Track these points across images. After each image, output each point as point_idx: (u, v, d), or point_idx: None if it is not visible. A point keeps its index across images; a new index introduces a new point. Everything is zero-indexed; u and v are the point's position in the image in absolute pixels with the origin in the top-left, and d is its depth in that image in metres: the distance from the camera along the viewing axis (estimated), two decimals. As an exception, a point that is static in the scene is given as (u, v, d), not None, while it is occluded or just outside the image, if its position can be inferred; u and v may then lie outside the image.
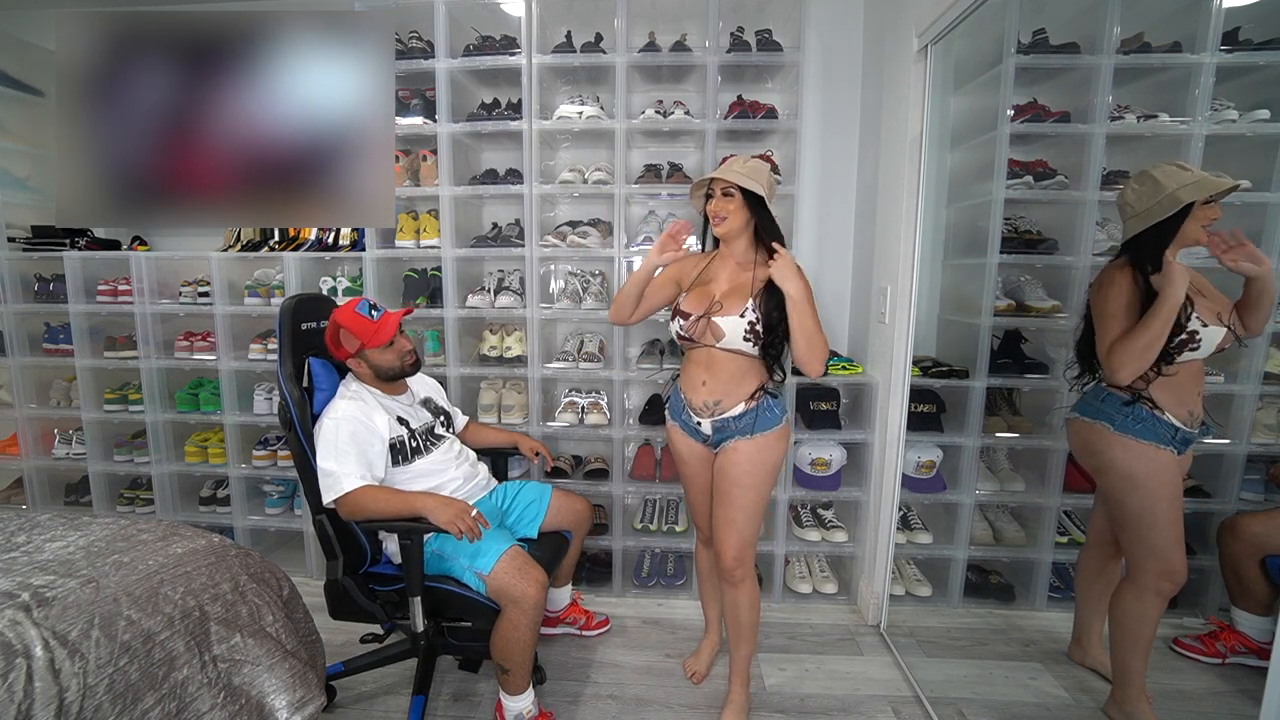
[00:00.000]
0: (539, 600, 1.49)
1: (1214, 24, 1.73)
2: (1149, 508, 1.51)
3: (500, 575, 1.49)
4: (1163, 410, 1.49)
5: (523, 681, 1.56)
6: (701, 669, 1.89)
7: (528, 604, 1.47)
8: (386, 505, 1.49)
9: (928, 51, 1.85)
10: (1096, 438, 1.58)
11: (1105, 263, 1.58)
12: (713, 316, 1.52)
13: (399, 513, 1.48)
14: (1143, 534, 1.53)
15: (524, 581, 1.48)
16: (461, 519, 1.43)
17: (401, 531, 1.51)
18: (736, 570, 1.59)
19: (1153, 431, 1.49)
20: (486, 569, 1.50)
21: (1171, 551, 1.51)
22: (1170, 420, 1.49)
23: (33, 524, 1.38)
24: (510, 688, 1.56)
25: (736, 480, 1.56)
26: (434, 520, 1.44)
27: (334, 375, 1.72)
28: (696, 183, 1.60)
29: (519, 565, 1.51)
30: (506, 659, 1.51)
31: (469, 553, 1.53)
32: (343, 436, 1.52)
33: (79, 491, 2.68)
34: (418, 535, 1.50)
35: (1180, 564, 1.51)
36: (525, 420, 2.35)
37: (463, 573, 1.54)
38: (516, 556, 1.53)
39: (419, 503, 1.48)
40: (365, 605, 1.60)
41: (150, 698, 1.05)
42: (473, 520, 1.45)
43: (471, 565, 1.53)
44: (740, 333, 1.49)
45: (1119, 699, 1.59)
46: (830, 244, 2.53)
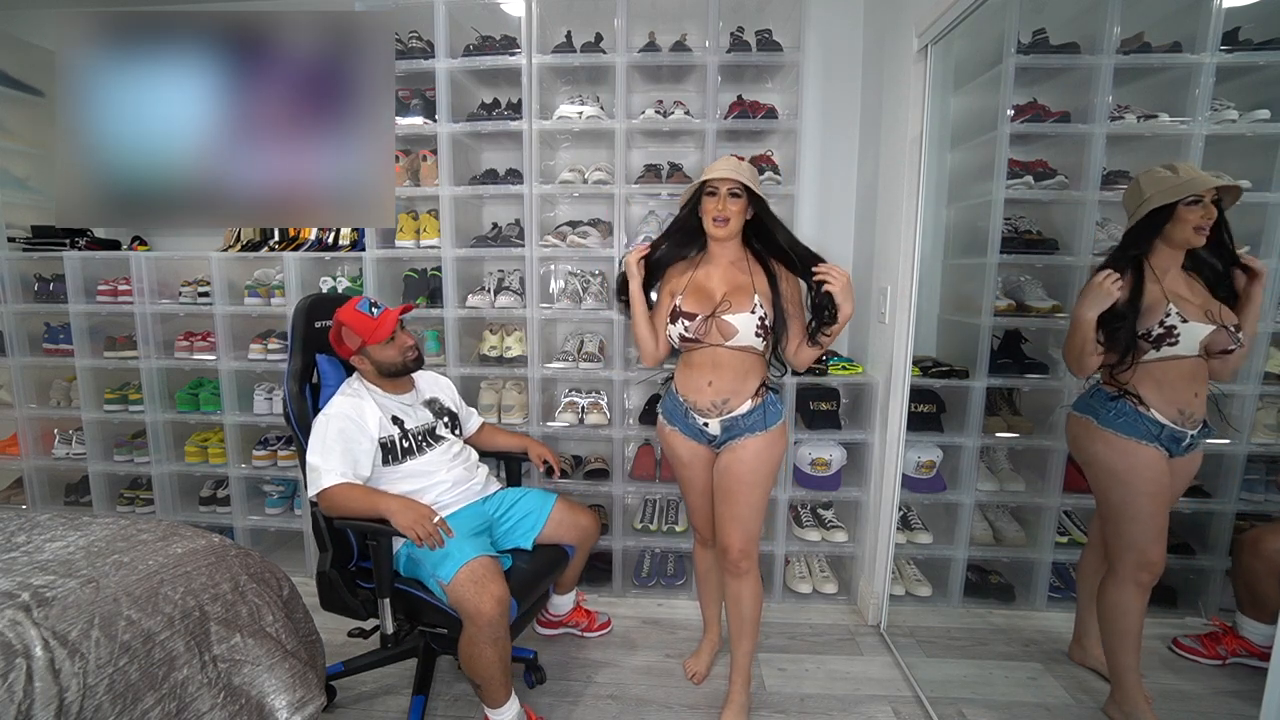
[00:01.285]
0: (493, 617, 1.41)
1: (1214, 24, 1.73)
2: (1129, 502, 1.53)
3: (457, 586, 1.43)
4: (1148, 407, 1.50)
5: (499, 695, 1.50)
6: (701, 669, 1.89)
7: (481, 620, 1.40)
8: (356, 504, 1.48)
9: (928, 51, 1.85)
10: (1082, 431, 1.61)
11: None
12: (722, 315, 1.52)
13: (365, 512, 1.48)
14: (1122, 527, 1.55)
15: (479, 596, 1.41)
16: (421, 524, 1.42)
17: (367, 532, 1.50)
18: (742, 563, 1.60)
19: (1135, 427, 1.51)
20: (446, 578, 1.44)
21: (1149, 545, 1.52)
22: (1155, 417, 1.50)
23: (33, 524, 1.38)
24: (488, 701, 1.51)
25: (743, 477, 1.56)
26: (395, 523, 1.43)
27: (341, 373, 1.73)
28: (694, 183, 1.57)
29: (477, 578, 1.43)
30: (472, 674, 1.47)
31: (434, 559, 1.49)
32: (331, 433, 1.52)
33: (79, 491, 2.68)
34: (384, 537, 1.49)
35: (1158, 557, 1.52)
36: (525, 420, 2.35)
37: (428, 579, 1.51)
38: (478, 569, 1.45)
39: (384, 504, 1.47)
40: (348, 600, 1.60)
41: (150, 698, 1.05)
42: (433, 527, 1.43)
43: (434, 573, 1.48)
44: (753, 329, 1.51)
45: (1117, 698, 1.59)
46: (830, 244, 2.53)
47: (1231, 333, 1.44)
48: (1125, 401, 1.52)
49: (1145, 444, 1.50)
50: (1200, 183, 1.42)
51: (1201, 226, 1.44)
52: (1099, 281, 1.50)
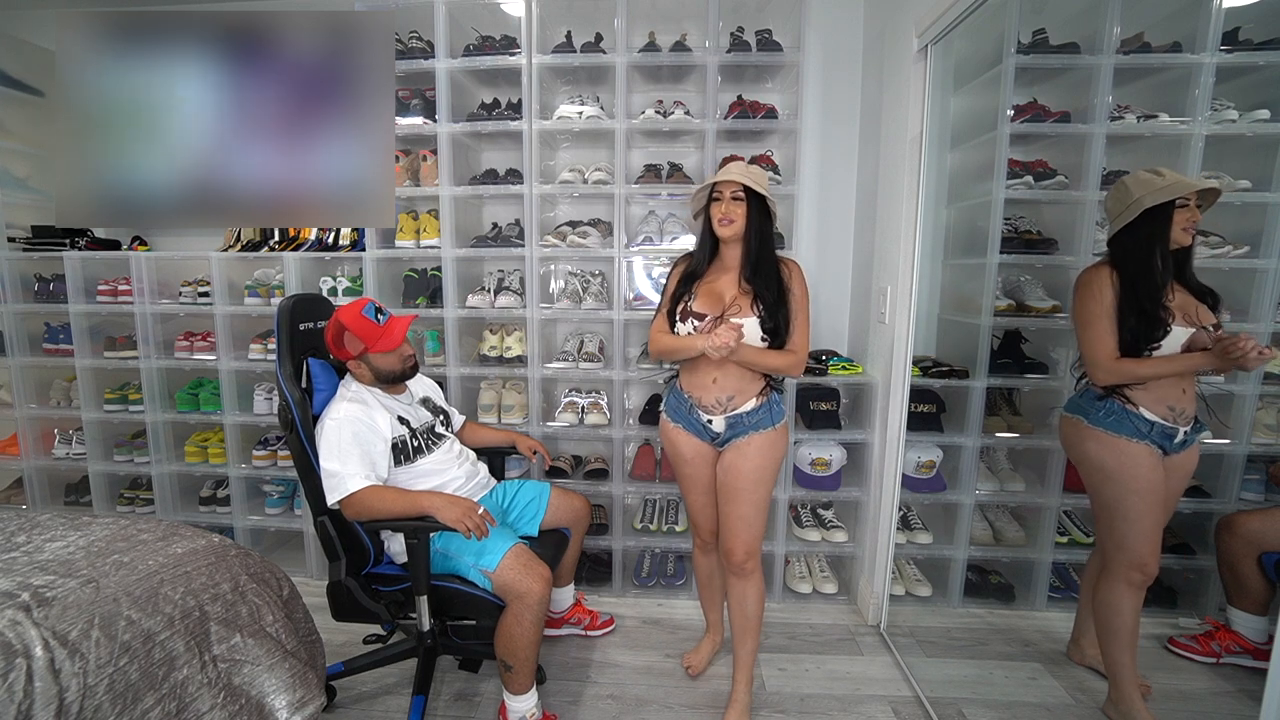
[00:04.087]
0: (544, 595, 1.50)
1: (1214, 24, 1.73)
2: (1121, 500, 1.53)
3: (506, 572, 1.50)
4: (1137, 405, 1.51)
5: (526, 680, 1.56)
6: (699, 663, 1.90)
7: (532, 599, 1.48)
8: (393, 505, 1.49)
9: (928, 51, 1.85)
10: (1073, 431, 1.63)
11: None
12: (730, 317, 1.53)
13: (405, 512, 1.49)
14: (1114, 525, 1.55)
15: (529, 577, 1.49)
16: (469, 517, 1.45)
17: (408, 531, 1.51)
18: (747, 563, 1.61)
19: (1125, 425, 1.52)
20: (492, 566, 1.51)
21: (1141, 545, 1.52)
22: (1145, 415, 1.50)
23: (33, 524, 1.38)
24: (514, 687, 1.56)
25: (748, 475, 1.58)
26: (441, 518, 1.45)
27: (333, 376, 1.72)
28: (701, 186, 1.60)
29: (524, 562, 1.52)
30: (510, 655, 1.52)
31: (474, 550, 1.54)
32: (345, 437, 1.52)
33: (79, 491, 2.68)
34: (425, 534, 1.51)
35: (1150, 558, 1.52)
36: (525, 420, 2.35)
37: (468, 570, 1.55)
38: (521, 554, 1.54)
39: (425, 501, 1.49)
40: (369, 606, 1.60)
41: (150, 698, 1.05)
42: (479, 518, 1.46)
43: (477, 563, 1.54)
44: (758, 332, 1.53)
45: (1114, 697, 1.59)
46: (830, 244, 2.53)
47: (1210, 333, 1.46)
48: (1113, 400, 1.54)
49: (1136, 441, 1.51)
50: (1189, 184, 1.45)
51: (1189, 227, 1.47)
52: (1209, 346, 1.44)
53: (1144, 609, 1.56)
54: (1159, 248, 1.49)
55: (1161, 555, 1.55)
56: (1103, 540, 1.62)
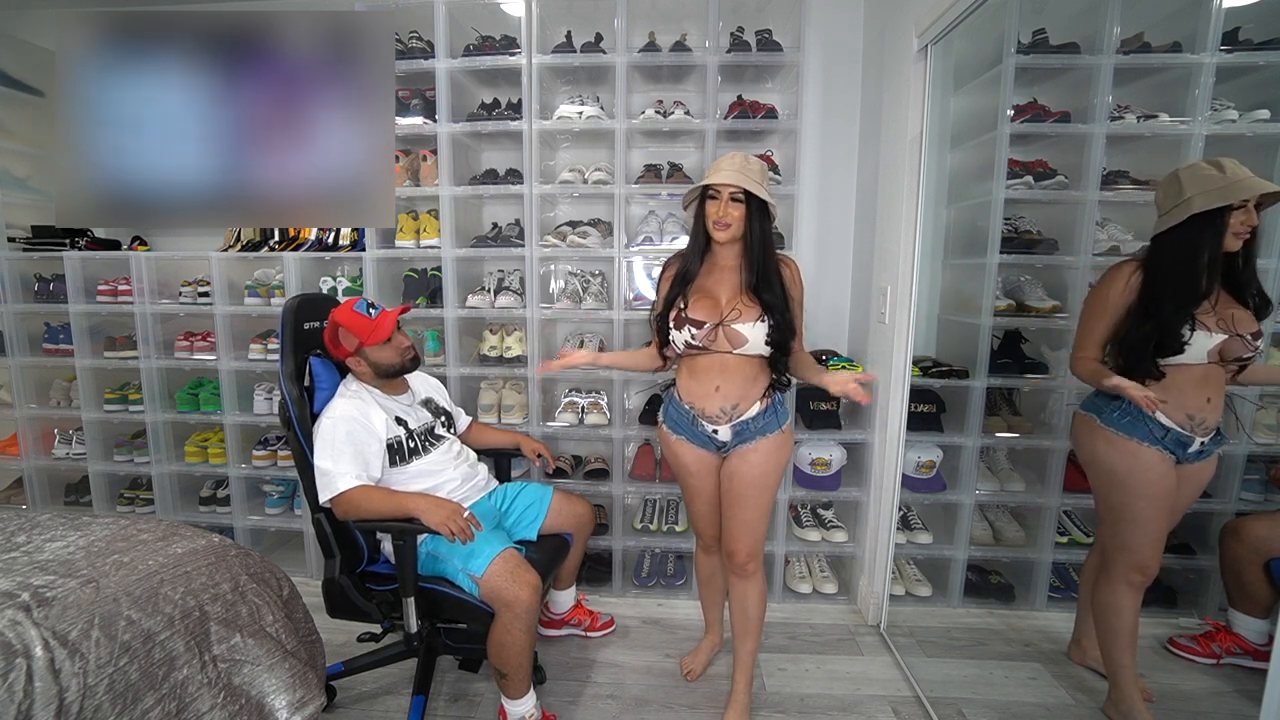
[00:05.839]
0: (531, 604, 1.48)
1: (1214, 24, 1.73)
2: (1127, 504, 1.51)
3: (492, 578, 1.48)
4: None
5: (522, 685, 1.55)
6: (697, 667, 1.89)
7: (520, 608, 1.46)
8: (380, 505, 1.49)
9: (928, 51, 1.85)
10: (1086, 429, 1.59)
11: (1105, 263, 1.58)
12: (731, 323, 1.48)
13: (392, 513, 1.48)
14: (1119, 528, 1.54)
15: (515, 585, 1.47)
16: (453, 520, 1.43)
17: (394, 532, 1.51)
18: (749, 565, 1.60)
19: (1139, 429, 1.48)
20: (479, 571, 1.50)
21: (1143, 548, 1.51)
22: (1160, 420, 1.46)
23: (33, 524, 1.38)
24: (510, 692, 1.55)
25: (754, 481, 1.55)
26: (426, 521, 1.44)
27: (335, 375, 1.72)
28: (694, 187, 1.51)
29: (511, 568, 1.50)
30: (502, 663, 1.51)
31: (462, 554, 1.53)
32: (339, 436, 1.52)
33: (79, 491, 2.68)
34: (411, 536, 1.50)
35: (1151, 561, 1.51)
36: (525, 420, 2.35)
37: (456, 574, 1.54)
38: (509, 559, 1.52)
39: (412, 504, 1.47)
40: (361, 604, 1.60)
41: (150, 698, 1.05)
42: (464, 522, 1.44)
43: (465, 567, 1.52)
44: (762, 337, 1.48)
45: (1114, 698, 1.59)
46: (830, 244, 2.53)
47: (1248, 341, 1.37)
48: (1129, 402, 1.47)
49: (1148, 446, 1.47)
50: (1250, 186, 1.29)
51: (1241, 232, 1.33)
52: (1140, 399, 1.38)
53: (1144, 609, 1.56)
54: (1205, 256, 1.34)
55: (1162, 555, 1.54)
56: (1105, 540, 1.61)
